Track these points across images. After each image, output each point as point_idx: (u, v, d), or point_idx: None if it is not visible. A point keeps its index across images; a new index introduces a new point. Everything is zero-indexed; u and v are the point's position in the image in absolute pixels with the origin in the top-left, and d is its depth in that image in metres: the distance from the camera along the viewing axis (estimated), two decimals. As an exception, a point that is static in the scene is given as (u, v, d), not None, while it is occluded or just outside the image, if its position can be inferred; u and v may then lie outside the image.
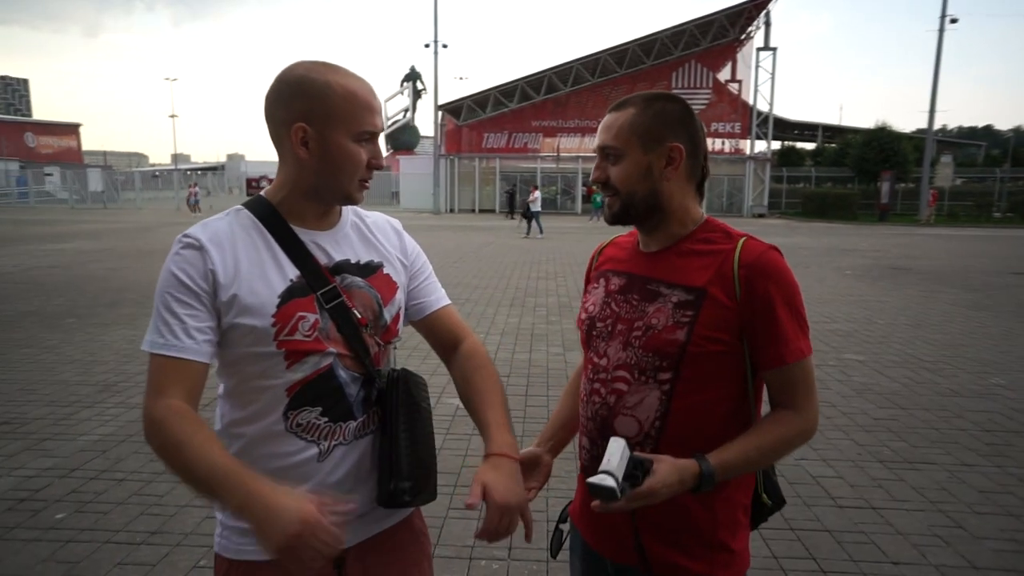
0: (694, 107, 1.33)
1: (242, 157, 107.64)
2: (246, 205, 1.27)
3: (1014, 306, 9.23)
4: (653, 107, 1.30)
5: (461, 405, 1.40)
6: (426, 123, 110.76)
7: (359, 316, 1.26)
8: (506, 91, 35.75)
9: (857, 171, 35.45)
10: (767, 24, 34.27)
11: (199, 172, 60.19)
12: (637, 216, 1.33)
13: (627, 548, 1.33)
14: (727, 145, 35.75)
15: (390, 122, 58.13)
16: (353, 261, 1.29)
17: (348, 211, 1.35)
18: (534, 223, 20.71)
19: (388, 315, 1.31)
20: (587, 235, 20.81)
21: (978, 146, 56.19)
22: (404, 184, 38.50)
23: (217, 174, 53.85)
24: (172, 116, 59.30)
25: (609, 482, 1.11)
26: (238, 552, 1.23)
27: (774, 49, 34.41)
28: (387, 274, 1.33)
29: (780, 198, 37.25)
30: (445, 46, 36.03)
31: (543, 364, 5.99)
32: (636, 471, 1.16)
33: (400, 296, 1.36)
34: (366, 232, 1.36)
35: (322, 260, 1.25)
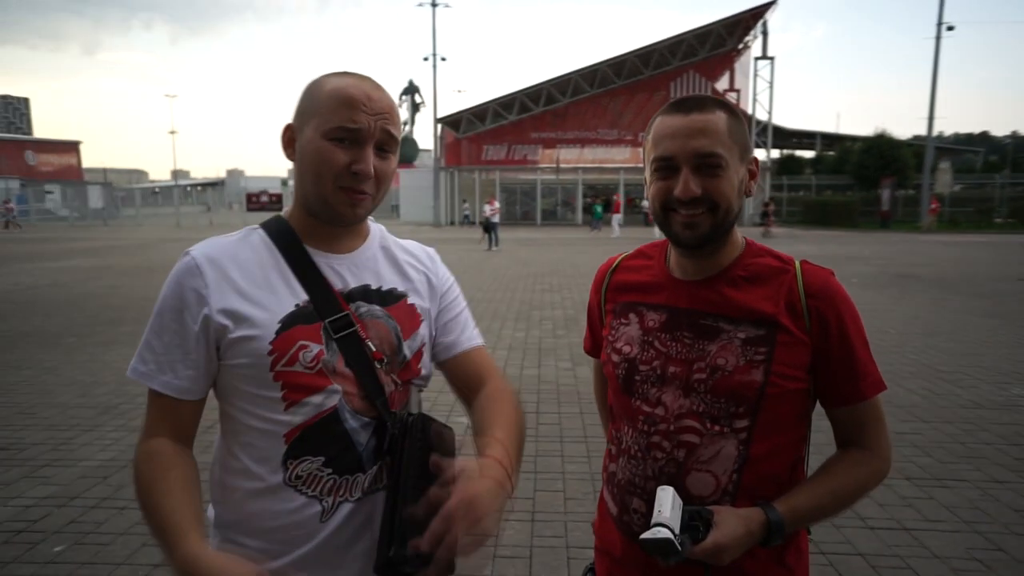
0: None
1: (242, 172, 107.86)
2: (262, 224, 1.18)
3: (1026, 313, 9.11)
4: (735, 111, 1.15)
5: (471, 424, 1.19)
6: (426, 136, 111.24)
7: (373, 349, 1.11)
8: (505, 103, 35.81)
9: (857, 178, 35.46)
10: (764, 34, 34.43)
11: (199, 188, 60.28)
12: (719, 238, 1.15)
13: None
14: (726, 154, 35.68)
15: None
16: (374, 287, 1.16)
17: (376, 235, 1.24)
18: (493, 235, 20.22)
19: (408, 350, 1.16)
20: (590, 246, 20.72)
21: (976, 152, 56.25)
22: (404, 197, 38.54)
23: (217, 189, 53.92)
24: (172, 132, 59.71)
25: (664, 533, 0.99)
26: None
27: (772, 58, 34.54)
28: (412, 304, 1.19)
29: (781, 206, 37.19)
30: (444, 59, 36.27)
31: (552, 379, 5.86)
32: (695, 522, 1.04)
33: (424, 330, 1.20)
34: (394, 257, 1.23)
35: (337, 285, 1.12)
